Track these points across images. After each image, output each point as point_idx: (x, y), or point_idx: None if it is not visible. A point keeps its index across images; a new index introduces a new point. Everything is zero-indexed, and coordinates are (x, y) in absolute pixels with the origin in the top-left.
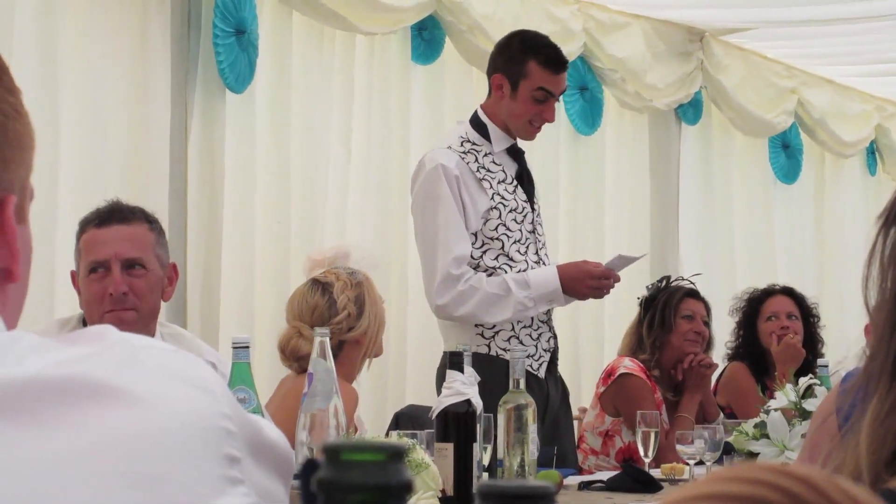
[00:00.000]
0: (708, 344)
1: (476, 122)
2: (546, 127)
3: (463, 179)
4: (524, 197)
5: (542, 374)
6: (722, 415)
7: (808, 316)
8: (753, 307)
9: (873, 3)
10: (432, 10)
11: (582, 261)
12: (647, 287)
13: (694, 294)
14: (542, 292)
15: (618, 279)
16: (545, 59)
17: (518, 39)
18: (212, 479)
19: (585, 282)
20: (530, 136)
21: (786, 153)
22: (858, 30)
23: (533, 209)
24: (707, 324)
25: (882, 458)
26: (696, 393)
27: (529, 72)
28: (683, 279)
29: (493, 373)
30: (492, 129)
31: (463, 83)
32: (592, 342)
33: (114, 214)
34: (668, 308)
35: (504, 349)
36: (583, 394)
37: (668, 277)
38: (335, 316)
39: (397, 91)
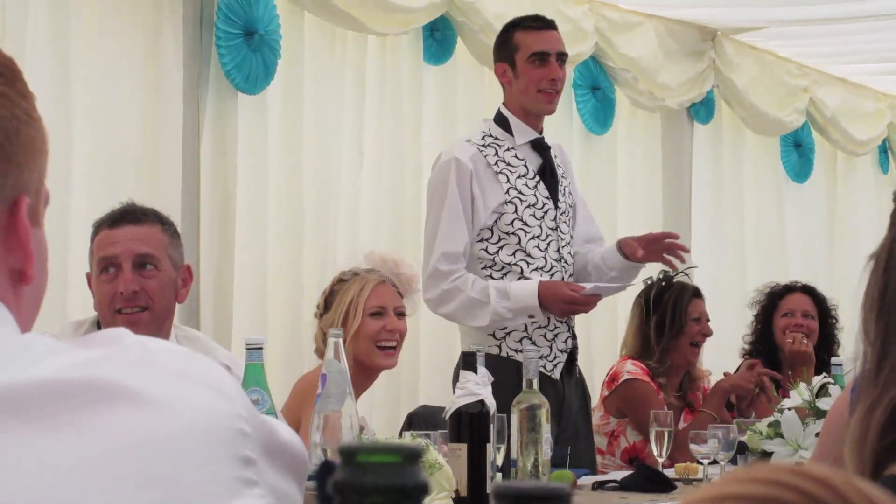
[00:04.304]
0: None
1: (499, 118)
2: (558, 126)
3: (476, 173)
4: (546, 193)
5: (556, 374)
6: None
7: (826, 317)
8: (772, 302)
9: (885, 2)
10: (444, 11)
11: (563, 282)
12: (644, 282)
13: (698, 293)
14: (519, 305)
15: (595, 301)
16: (527, 25)
17: (504, 26)
18: (227, 481)
19: (558, 304)
20: (547, 104)
21: (798, 152)
22: (871, 28)
23: (557, 206)
24: (708, 321)
25: (864, 456)
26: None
27: (518, 43)
28: (682, 273)
29: (504, 373)
30: (513, 121)
31: (475, 83)
32: (606, 343)
33: (126, 215)
34: (678, 310)
35: (515, 350)
36: (595, 394)
37: (667, 273)
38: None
39: (409, 91)
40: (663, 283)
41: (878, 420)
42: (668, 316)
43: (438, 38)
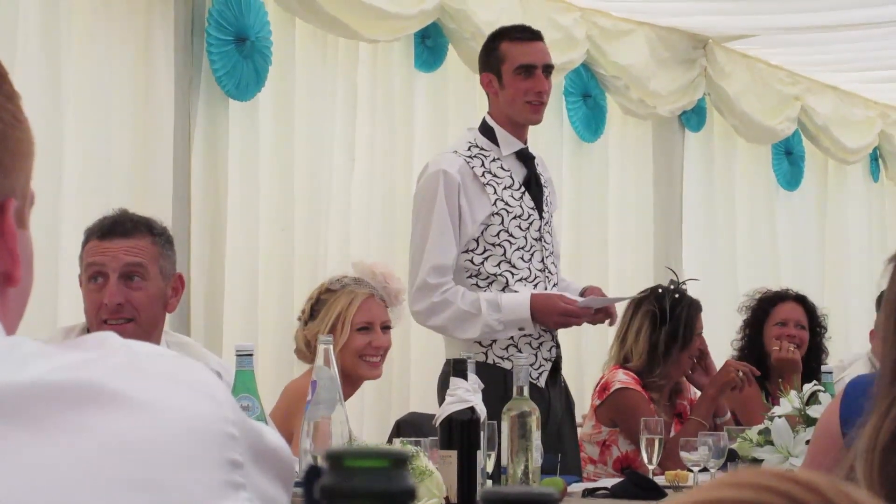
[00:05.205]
0: None
1: (484, 128)
2: (549, 133)
3: (464, 184)
4: (531, 204)
5: (541, 382)
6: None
7: (815, 327)
8: (764, 309)
9: (877, 10)
10: (435, 18)
11: (557, 294)
12: (653, 290)
13: (701, 308)
14: (511, 318)
15: (588, 314)
16: (514, 36)
17: (490, 35)
18: (214, 485)
19: (552, 317)
20: (534, 115)
21: (788, 160)
22: (862, 36)
23: (541, 217)
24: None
25: (875, 458)
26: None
27: (504, 54)
28: (682, 283)
29: (490, 381)
30: (499, 132)
31: (466, 90)
32: (596, 351)
33: (116, 228)
34: (689, 324)
35: (502, 357)
36: (585, 402)
37: (675, 283)
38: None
39: (400, 98)
40: (676, 296)
41: (890, 423)
42: (682, 329)
43: (430, 45)
